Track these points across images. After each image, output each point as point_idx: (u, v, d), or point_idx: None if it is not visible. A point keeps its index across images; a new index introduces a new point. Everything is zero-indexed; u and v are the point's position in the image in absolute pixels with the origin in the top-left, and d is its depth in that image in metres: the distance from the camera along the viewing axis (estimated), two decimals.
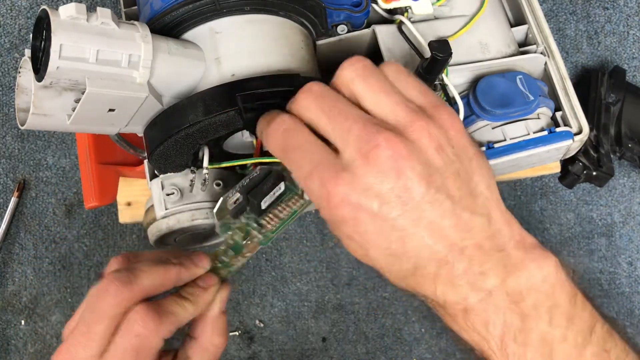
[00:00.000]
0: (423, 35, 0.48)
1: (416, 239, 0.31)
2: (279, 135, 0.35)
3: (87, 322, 0.36)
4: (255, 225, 0.41)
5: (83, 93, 0.36)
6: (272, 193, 0.40)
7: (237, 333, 0.62)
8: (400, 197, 0.31)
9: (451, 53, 0.39)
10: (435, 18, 0.51)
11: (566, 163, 0.61)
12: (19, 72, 0.39)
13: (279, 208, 0.41)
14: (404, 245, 0.32)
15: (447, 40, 0.40)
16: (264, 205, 0.40)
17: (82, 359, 0.35)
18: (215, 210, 0.39)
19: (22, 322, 0.66)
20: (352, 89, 0.34)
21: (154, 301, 0.37)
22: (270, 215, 0.41)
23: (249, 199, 0.39)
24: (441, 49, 0.39)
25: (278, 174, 0.40)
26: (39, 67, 0.36)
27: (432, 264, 0.32)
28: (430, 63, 0.40)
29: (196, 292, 0.39)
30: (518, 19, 0.54)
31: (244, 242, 0.41)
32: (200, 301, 0.39)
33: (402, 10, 0.50)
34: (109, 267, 0.39)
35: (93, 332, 0.35)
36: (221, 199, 0.39)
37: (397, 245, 0.32)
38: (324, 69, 0.52)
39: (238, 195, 0.39)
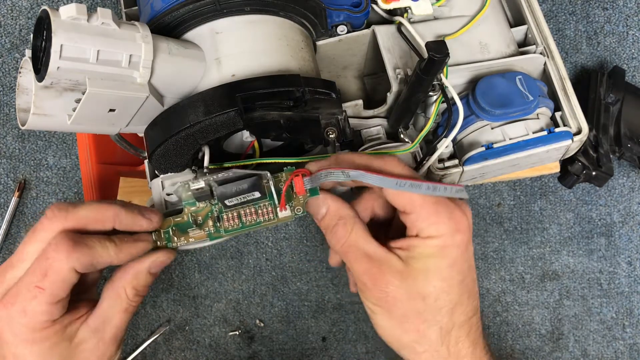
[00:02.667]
0: (423, 36, 0.48)
1: None
2: (403, 166, 0.39)
3: (22, 243, 0.38)
4: (215, 215, 0.40)
5: (84, 93, 0.36)
6: (242, 197, 0.39)
7: (237, 332, 0.62)
8: None
9: (448, 54, 0.39)
10: (435, 18, 0.51)
11: (565, 163, 0.61)
12: (20, 72, 0.39)
13: (246, 211, 0.41)
14: None
15: (444, 41, 0.40)
16: (228, 202, 0.40)
17: (9, 279, 0.37)
18: (175, 188, 0.39)
19: None
20: None
21: (79, 233, 0.37)
22: (234, 213, 0.40)
23: (214, 192, 0.39)
24: (438, 50, 0.39)
25: (256, 181, 0.39)
26: (40, 67, 0.36)
27: None
28: (428, 64, 0.40)
29: (124, 239, 0.38)
30: (518, 20, 0.54)
31: (195, 227, 0.40)
32: (124, 249, 0.38)
33: (402, 11, 0.50)
34: None
35: (24, 252, 0.37)
36: (184, 181, 0.39)
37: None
38: (324, 69, 0.52)
39: (202, 184, 0.39)
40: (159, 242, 0.41)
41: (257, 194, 0.39)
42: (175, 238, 0.41)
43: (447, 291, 0.37)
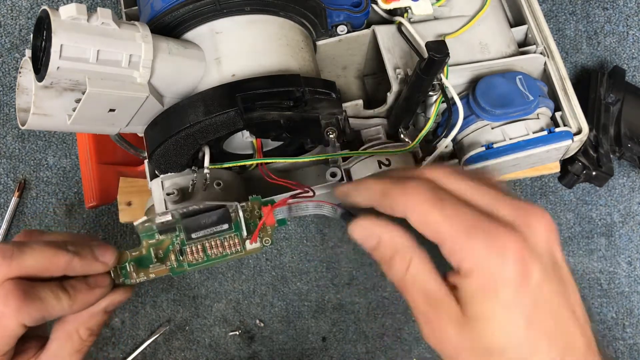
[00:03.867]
0: (423, 36, 0.48)
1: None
2: (426, 189, 0.31)
3: None
4: (177, 249, 0.38)
5: (83, 93, 0.36)
6: (209, 230, 0.37)
7: (237, 333, 0.62)
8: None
9: (448, 53, 0.39)
10: (435, 18, 0.51)
11: (566, 163, 0.61)
12: (20, 72, 0.39)
13: (211, 243, 0.38)
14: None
15: (444, 41, 0.39)
16: (194, 235, 0.38)
17: None
18: (136, 223, 0.37)
19: None
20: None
21: (28, 282, 0.34)
22: (199, 246, 0.38)
23: (180, 224, 0.37)
24: (438, 50, 0.39)
25: (224, 213, 0.37)
26: (40, 67, 0.36)
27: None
28: (428, 63, 0.40)
29: (78, 287, 0.35)
30: (518, 19, 0.54)
31: (155, 261, 0.37)
32: (79, 298, 0.35)
33: (402, 11, 0.50)
34: (15, 239, 0.38)
35: None
36: (149, 218, 0.37)
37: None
38: (324, 69, 0.52)
39: (169, 217, 0.37)
40: (115, 279, 0.38)
41: (225, 226, 0.38)
42: (134, 274, 0.38)
43: (512, 342, 0.29)
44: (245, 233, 0.38)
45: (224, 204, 0.37)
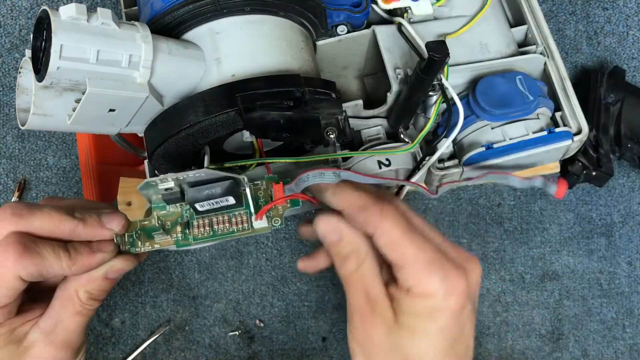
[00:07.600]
0: (423, 36, 0.48)
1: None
2: (400, 216, 0.36)
3: None
4: (185, 221, 0.38)
5: (84, 93, 0.36)
6: (214, 201, 0.37)
7: (237, 333, 0.62)
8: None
9: (448, 54, 0.39)
10: (435, 18, 0.51)
11: (565, 163, 0.61)
12: (20, 73, 0.39)
13: (219, 219, 0.38)
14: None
15: (444, 41, 0.39)
16: (200, 207, 0.38)
17: None
18: (140, 185, 0.37)
19: None
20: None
21: (31, 237, 0.35)
22: (206, 220, 0.38)
23: (184, 194, 0.37)
24: (438, 50, 0.39)
25: (230, 186, 0.37)
26: (40, 67, 0.36)
27: None
28: (428, 63, 0.40)
29: (80, 250, 0.36)
30: (518, 19, 0.54)
31: (162, 231, 0.38)
32: (79, 260, 0.36)
33: (402, 11, 0.50)
34: (41, 202, 0.39)
35: None
36: (151, 180, 0.36)
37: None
38: (324, 69, 0.52)
39: (172, 184, 0.37)
40: (121, 246, 0.38)
41: (231, 200, 0.37)
42: (140, 242, 0.38)
43: (432, 356, 0.35)
44: (253, 210, 0.38)
45: (234, 177, 0.37)
